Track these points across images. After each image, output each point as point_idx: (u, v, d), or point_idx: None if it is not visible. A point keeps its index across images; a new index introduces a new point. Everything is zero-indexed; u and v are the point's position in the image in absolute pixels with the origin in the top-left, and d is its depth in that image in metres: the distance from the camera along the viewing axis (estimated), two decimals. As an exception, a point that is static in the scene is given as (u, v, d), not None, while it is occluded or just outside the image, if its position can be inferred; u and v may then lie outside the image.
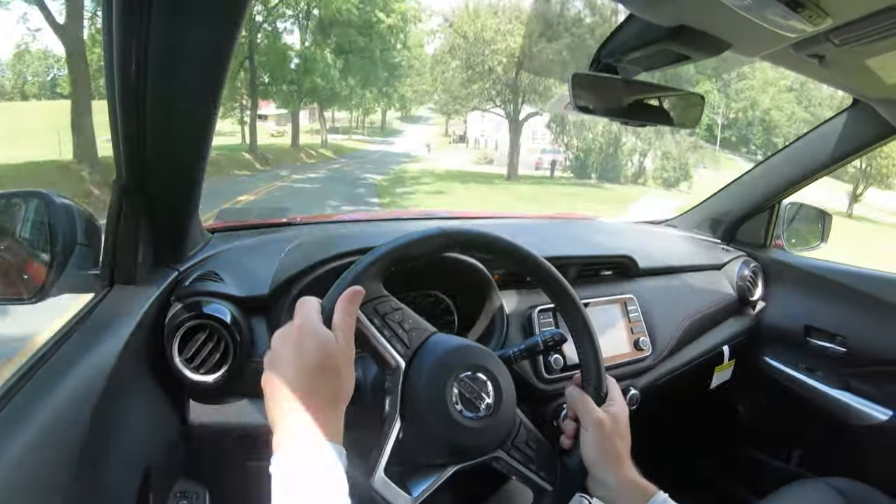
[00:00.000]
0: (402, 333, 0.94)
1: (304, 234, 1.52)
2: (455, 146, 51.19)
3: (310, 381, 0.80)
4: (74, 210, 1.01)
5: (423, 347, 0.95)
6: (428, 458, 0.96)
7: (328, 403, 0.80)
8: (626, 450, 1.04)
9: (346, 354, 0.84)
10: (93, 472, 0.81)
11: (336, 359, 0.83)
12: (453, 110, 39.32)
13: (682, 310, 1.84)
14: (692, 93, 1.34)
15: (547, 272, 1.09)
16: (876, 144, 1.70)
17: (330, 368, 0.81)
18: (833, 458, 2.00)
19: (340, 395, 0.83)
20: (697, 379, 1.93)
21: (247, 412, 1.20)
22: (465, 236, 1.02)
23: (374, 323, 0.92)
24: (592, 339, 1.10)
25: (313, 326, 0.84)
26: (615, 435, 1.03)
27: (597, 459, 1.02)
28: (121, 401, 0.93)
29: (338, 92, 36.87)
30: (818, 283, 1.98)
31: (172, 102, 0.89)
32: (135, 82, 0.84)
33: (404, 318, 0.96)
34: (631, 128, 11.40)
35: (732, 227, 2.22)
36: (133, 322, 1.02)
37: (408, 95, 52.35)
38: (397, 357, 0.93)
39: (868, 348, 1.81)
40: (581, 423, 1.06)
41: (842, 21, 0.93)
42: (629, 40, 1.12)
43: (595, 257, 1.74)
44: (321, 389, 0.80)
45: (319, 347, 0.82)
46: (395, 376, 0.93)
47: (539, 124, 39.99)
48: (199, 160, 1.05)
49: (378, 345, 0.93)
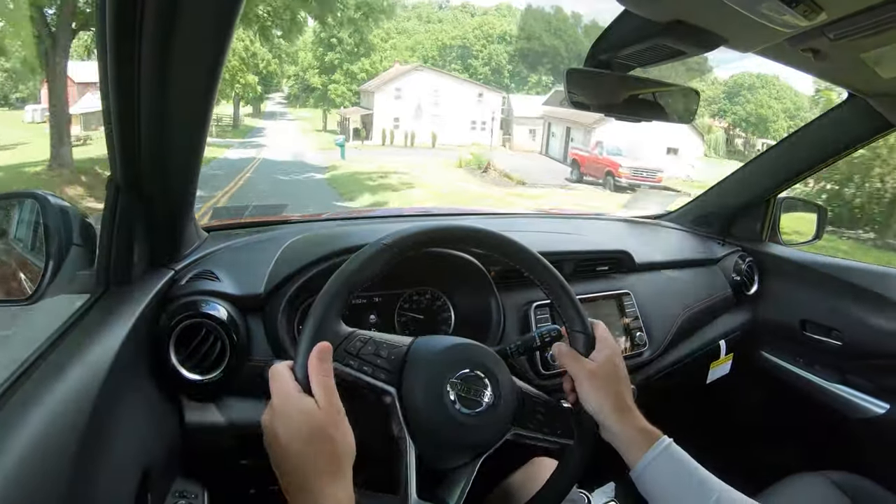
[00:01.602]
0: (381, 362, 0.94)
1: (299, 232, 1.52)
2: (364, 145, 37.63)
3: (304, 453, 0.81)
4: (69, 210, 1.01)
5: (406, 365, 0.96)
6: (450, 464, 0.98)
7: (328, 470, 0.81)
8: (626, 392, 1.05)
9: (333, 415, 0.85)
10: (90, 473, 0.81)
11: (324, 425, 0.83)
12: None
13: (679, 304, 1.84)
14: (687, 87, 1.34)
15: (496, 238, 1.08)
16: (871, 139, 1.70)
17: (320, 437, 0.82)
18: (831, 451, 2.00)
19: (341, 455, 0.83)
20: (695, 373, 1.94)
21: (244, 411, 1.20)
22: (407, 240, 1.00)
23: (350, 365, 0.92)
24: (563, 286, 1.10)
25: (292, 401, 0.84)
26: (610, 381, 1.04)
27: (597, 409, 1.03)
28: (118, 401, 0.93)
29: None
30: (813, 277, 1.98)
31: (167, 101, 0.89)
32: (129, 82, 0.83)
33: (378, 347, 0.96)
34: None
35: (728, 222, 2.22)
36: (129, 322, 1.01)
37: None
38: (386, 386, 0.94)
39: (864, 341, 1.82)
40: (574, 378, 1.06)
41: (836, 16, 0.93)
42: (624, 36, 1.12)
43: (591, 252, 1.75)
44: (317, 458, 0.81)
45: (305, 420, 0.83)
46: (392, 403, 0.94)
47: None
48: (194, 159, 1.06)
49: (365, 384, 0.93)
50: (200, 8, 0.76)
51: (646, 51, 1.12)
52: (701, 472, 0.96)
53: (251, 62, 43.43)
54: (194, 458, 1.21)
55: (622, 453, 1.01)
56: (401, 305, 1.50)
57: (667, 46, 1.07)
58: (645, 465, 0.97)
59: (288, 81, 65.44)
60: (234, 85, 40.67)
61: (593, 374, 1.04)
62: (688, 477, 0.95)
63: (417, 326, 1.50)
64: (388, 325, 1.47)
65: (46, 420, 0.76)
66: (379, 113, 42.14)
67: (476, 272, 1.45)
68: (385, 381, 0.94)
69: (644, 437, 0.99)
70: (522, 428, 1.03)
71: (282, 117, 61.52)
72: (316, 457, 0.81)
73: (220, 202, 14.57)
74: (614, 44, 1.15)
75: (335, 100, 52.11)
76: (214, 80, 0.88)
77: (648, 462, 0.96)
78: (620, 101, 1.29)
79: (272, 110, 65.38)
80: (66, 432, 0.78)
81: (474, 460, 0.99)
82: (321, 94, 54.12)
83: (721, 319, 2.01)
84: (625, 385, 1.06)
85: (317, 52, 55.06)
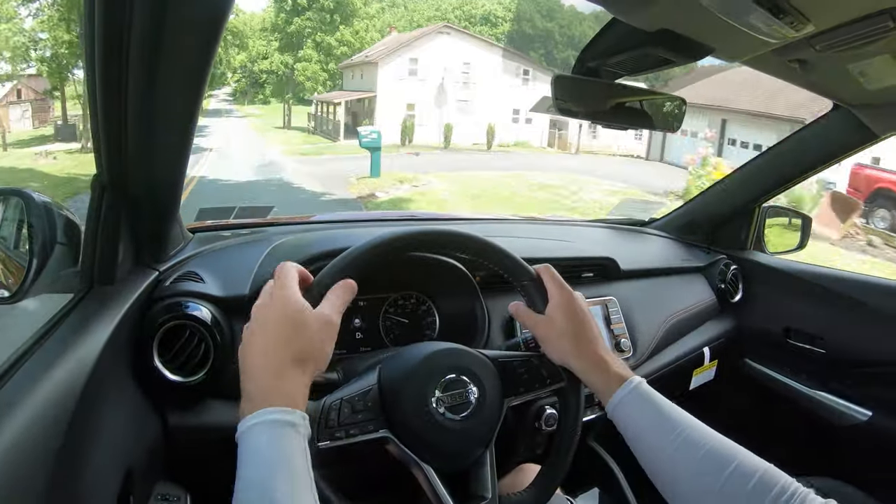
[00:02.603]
0: (361, 416, 0.93)
1: (286, 234, 1.52)
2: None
3: (280, 337, 0.82)
4: (54, 209, 1.00)
5: (385, 401, 0.95)
6: (467, 462, 0.99)
7: (294, 363, 0.81)
8: (588, 334, 1.04)
9: (324, 317, 0.86)
10: (73, 474, 0.80)
11: (306, 313, 0.84)
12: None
13: (664, 311, 1.85)
14: (674, 96, 1.35)
15: (413, 235, 1.04)
16: (856, 149, 1.72)
17: (296, 320, 0.83)
18: (814, 458, 2.02)
19: (309, 356, 0.83)
20: (679, 380, 1.94)
21: (228, 414, 1.20)
22: (331, 273, 0.96)
23: (340, 437, 0.91)
24: (492, 245, 1.08)
25: (291, 293, 0.86)
26: (566, 328, 1.03)
27: (561, 358, 1.04)
28: (101, 403, 0.92)
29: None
30: (797, 286, 2.00)
31: (153, 100, 0.88)
32: (116, 80, 0.83)
33: (352, 404, 0.94)
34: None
35: (713, 230, 2.23)
36: (113, 323, 1.01)
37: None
38: (379, 434, 0.93)
39: (847, 349, 1.84)
40: (533, 333, 1.08)
41: (823, 27, 0.94)
42: (612, 44, 1.12)
43: (576, 259, 1.76)
44: (285, 347, 0.81)
45: (296, 310, 0.84)
46: (392, 443, 0.94)
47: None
48: (181, 159, 1.05)
49: (362, 443, 0.93)
50: (189, 7, 0.76)
51: (634, 59, 1.13)
52: (670, 408, 0.97)
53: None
54: (177, 460, 1.20)
55: (599, 397, 1.02)
56: (385, 310, 1.50)
57: (655, 55, 1.08)
58: (615, 404, 0.98)
59: (234, 76, 58.43)
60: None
61: (547, 324, 1.04)
62: (657, 414, 0.96)
63: (402, 331, 1.50)
64: (372, 329, 1.47)
65: (28, 420, 0.75)
66: (386, 96, 29.97)
67: (461, 277, 1.46)
68: (375, 429, 0.93)
69: (616, 379, 0.99)
70: (514, 396, 1.04)
71: (229, 115, 53.10)
72: (288, 343, 0.82)
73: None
74: (602, 51, 1.16)
75: (304, 83, 42.87)
76: (202, 79, 0.88)
77: (618, 401, 0.97)
78: (607, 108, 1.29)
79: (217, 108, 58.27)
80: (48, 432, 0.77)
81: (488, 447, 0.99)
82: (280, 82, 46.55)
83: (705, 326, 2.02)
84: (585, 328, 1.04)
85: (278, 20, 45.04)
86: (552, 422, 1.37)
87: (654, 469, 0.94)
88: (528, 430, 1.40)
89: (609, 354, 1.04)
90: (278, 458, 0.74)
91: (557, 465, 1.06)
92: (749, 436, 2.15)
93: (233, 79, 59.96)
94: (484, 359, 1.04)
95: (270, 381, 0.79)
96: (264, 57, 51.47)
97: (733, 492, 0.83)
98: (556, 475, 1.05)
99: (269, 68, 50.85)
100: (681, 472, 0.90)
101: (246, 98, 60.98)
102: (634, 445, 0.97)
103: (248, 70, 55.49)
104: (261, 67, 52.64)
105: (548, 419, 1.37)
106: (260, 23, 50.90)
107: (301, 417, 0.78)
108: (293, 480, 0.74)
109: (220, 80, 55.84)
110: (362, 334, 1.46)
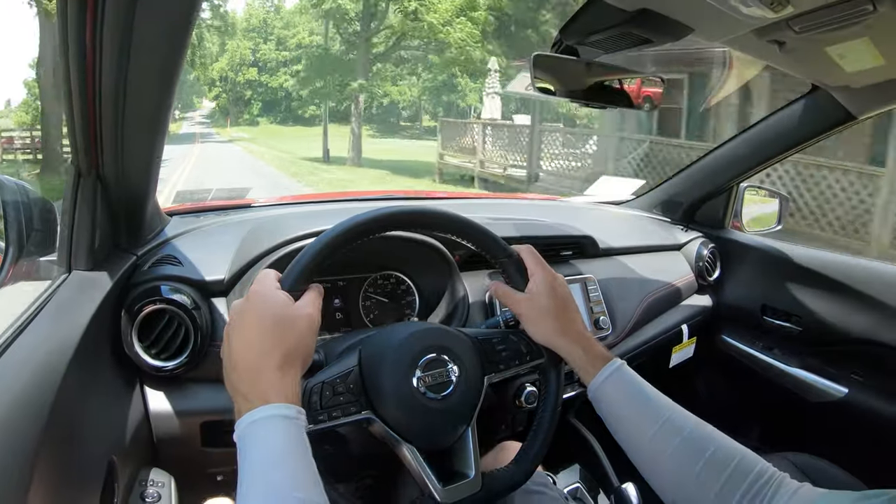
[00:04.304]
0: (343, 398, 0.93)
1: (263, 216, 1.51)
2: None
3: (264, 336, 0.81)
4: (30, 194, 0.99)
5: (366, 383, 0.95)
6: (450, 441, 0.99)
7: (286, 361, 0.81)
8: (568, 314, 1.05)
9: (306, 312, 0.86)
10: (56, 461, 0.80)
11: (292, 309, 0.85)
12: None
13: (642, 289, 1.87)
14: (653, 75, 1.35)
15: (390, 215, 1.01)
16: (833, 130, 1.72)
17: (284, 320, 0.83)
18: (791, 434, 2.06)
19: (296, 355, 0.83)
20: (658, 357, 1.97)
21: (209, 398, 1.20)
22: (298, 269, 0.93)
23: (322, 420, 0.90)
24: (472, 223, 1.08)
25: (269, 290, 0.86)
26: (547, 307, 1.04)
27: (543, 338, 1.05)
28: (81, 389, 0.92)
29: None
30: (774, 264, 2.02)
31: (128, 85, 0.87)
32: (90, 66, 0.82)
33: (333, 385, 0.93)
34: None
35: (691, 209, 2.25)
36: (92, 309, 1.00)
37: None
38: (362, 415, 0.93)
39: (822, 327, 1.86)
40: (514, 313, 1.08)
41: (802, 9, 0.94)
42: (591, 22, 1.11)
43: (555, 238, 1.76)
44: (276, 346, 0.81)
45: (278, 306, 0.84)
46: (375, 424, 0.94)
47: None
48: (156, 143, 1.04)
49: (346, 425, 0.93)
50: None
51: (613, 38, 1.12)
52: (652, 392, 0.97)
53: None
54: (161, 445, 1.20)
55: (580, 374, 1.02)
56: (365, 290, 1.50)
57: (634, 34, 1.07)
58: (596, 387, 0.98)
59: (212, 92, 49.14)
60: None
61: (529, 303, 1.05)
62: (638, 397, 0.97)
63: (382, 311, 1.50)
64: (352, 308, 1.48)
65: (8, 408, 0.75)
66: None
67: (440, 256, 1.46)
68: (357, 410, 0.93)
69: (597, 361, 1.00)
70: (494, 373, 1.04)
71: (206, 139, 38.39)
72: (281, 341, 0.81)
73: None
74: (581, 30, 1.15)
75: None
76: (177, 63, 0.87)
77: (599, 383, 0.98)
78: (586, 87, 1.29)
79: (189, 132, 44.70)
80: (29, 420, 0.77)
81: (469, 425, 0.99)
82: (275, 98, 37.53)
83: (684, 304, 2.04)
84: (567, 306, 1.05)
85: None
86: (532, 399, 1.38)
87: (634, 451, 0.95)
88: (508, 408, 1.41)
89: (589, 334, 1.05)
90: (284, 450, 0.74)
91: (538, 442, 1.06)
92: (727, 412, 2.20)
93: (210, 95, 51.49)
94: (463, 337, 1.04)
95: (267, 380, 0.79)
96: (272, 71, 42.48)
97: (711, 476, 0.84)
98: (537, 452, 1.06)
99: (280, 83, 42.86)
100: (660, 456, 0.91)
101: (231, 117, 49.43)
102: (615, 427, 0.98)
103: (232, 82, 47.73)
104: (246, 77, 44.80)
105: (528, 397, 1.38)
106: (244, 21, 43.22)
107: (298, 411, 0.78)
108: (299, 470, 0.74)
109: (190, 104, 48.92)
110: (342, 314, 1.46)
